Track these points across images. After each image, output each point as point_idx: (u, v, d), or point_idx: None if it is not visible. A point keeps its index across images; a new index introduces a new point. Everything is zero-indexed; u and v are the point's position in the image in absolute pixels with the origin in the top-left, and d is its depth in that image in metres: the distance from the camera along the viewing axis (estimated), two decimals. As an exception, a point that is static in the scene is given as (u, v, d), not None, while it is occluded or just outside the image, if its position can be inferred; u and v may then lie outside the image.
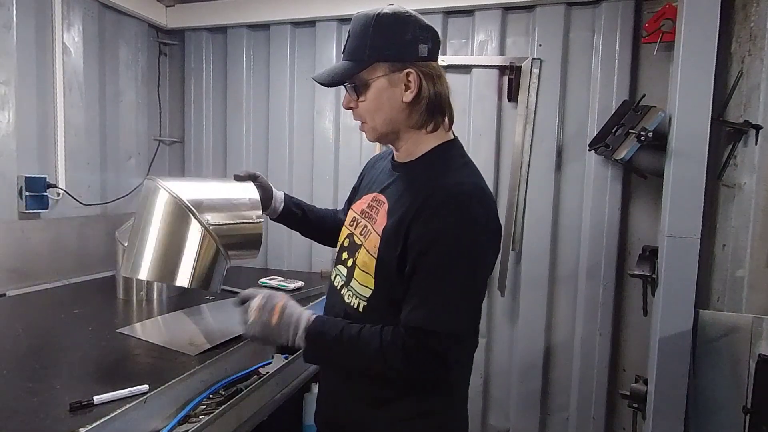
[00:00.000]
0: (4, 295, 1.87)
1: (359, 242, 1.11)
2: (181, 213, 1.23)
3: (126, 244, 1.85)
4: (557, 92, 2.20)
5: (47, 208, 2.08)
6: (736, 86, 1.81)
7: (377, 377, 1.04)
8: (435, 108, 1.06)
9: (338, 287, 1.15)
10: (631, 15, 2.09)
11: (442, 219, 0.96)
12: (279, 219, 1.40)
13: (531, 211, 2.26)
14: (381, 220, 1.06)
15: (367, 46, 1.02)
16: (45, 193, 2.05)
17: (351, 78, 1.04)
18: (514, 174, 2.26)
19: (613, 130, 1.97)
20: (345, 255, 1.16)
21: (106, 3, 2.38)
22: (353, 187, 1.35)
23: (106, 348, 1.35)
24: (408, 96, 1.03)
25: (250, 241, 1.32)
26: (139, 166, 2.68)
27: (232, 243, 1.28)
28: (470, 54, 2.32)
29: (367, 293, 1.06)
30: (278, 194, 1.38)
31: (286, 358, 1.55)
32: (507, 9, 2.26)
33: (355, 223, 1.16)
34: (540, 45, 2.21)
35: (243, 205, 1.30)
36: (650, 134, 1.82)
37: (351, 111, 1.11)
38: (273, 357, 1.57)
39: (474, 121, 2.32)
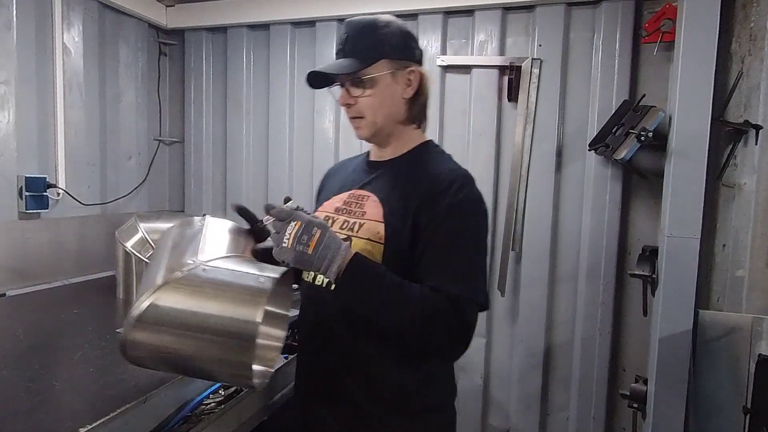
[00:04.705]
0: (4, 295, 1.87)
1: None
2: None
3: (127, 244, 1.85)
4: (557, 92, 2.20)
5: (47, 208, 2.08)
6: (736, 86, 1.81)
7: (392, 335, 1.01)
8: (424, 107, 1.17)
9: (325, 285, 1.10)
10: (631, 15, 2.09)
11: (452, 196, 1.03)
12: None
13: (531, 211, 2.26)
14: (373, 210, 1.09)
15: (373, 43, 1.08)
16: (45, 193, 2.06)
17: (359, 71, 1.07)
18: (514, 174, 2.26)
19: (613, 130, 1.97)
20: None
21: (106, 3, 2.38)
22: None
23: (106, 348, 1.35)
24: (408, 92, 1.12)
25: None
26: (139, 166, 2.68)
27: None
28: (470, 54, 2.32)
29: None
30: None
31: (286, 358, 1.55)
32: (507, 9, 2.26)
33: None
34: (540, 45, 2.21)
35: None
36: (650, 134, 1.82)
37: (347, 107, 1.12)
38: (273, 357, 1.56)
39: (474, 121, 2.31)
